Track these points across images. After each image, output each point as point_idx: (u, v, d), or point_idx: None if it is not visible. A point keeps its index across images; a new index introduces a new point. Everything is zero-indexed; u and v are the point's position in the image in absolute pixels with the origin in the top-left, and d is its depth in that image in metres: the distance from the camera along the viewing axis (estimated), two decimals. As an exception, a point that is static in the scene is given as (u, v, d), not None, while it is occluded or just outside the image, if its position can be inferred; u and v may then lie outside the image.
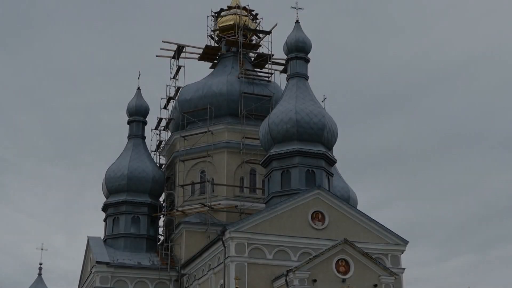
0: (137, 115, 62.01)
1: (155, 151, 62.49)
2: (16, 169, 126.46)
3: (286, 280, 41.39)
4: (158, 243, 58.70)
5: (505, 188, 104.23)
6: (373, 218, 46.98)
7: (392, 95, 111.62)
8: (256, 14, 65.20)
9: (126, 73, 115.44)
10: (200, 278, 49.71)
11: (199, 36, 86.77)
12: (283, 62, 58.22)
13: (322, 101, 55.78)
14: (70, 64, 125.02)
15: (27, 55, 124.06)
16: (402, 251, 47.40)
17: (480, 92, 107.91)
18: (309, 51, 52.68)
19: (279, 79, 61.58)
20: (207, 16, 64.90)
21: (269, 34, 62.37)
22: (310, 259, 41.63)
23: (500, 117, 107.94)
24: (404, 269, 47.07)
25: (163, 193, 59.58)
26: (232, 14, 64.45)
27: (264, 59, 61.67)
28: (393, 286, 42.80)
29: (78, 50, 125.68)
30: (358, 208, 51.13)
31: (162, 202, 59.84)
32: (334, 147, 51.47)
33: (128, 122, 62.28)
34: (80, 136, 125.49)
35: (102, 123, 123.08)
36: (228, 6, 65.54)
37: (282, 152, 48.40)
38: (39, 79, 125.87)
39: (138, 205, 57.77)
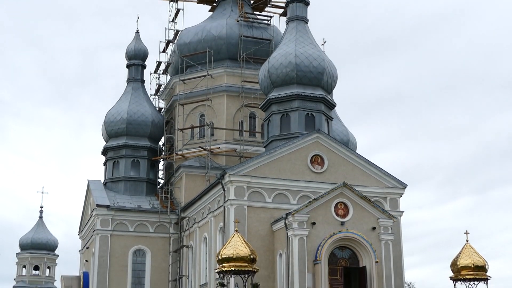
0: (136, 58, 61.77)
1: (154, 95, 62.47)
2: (14, 111, 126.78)
3: (285, 223, 41.63)
4: (158, 187, 59.03)
5: (506, 130, 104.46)
6: (372, 161, 47.10)
7: (392, 37, 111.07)
8: (256, -45, 64.30)
9: (125, 15, 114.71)
10: (200, 221, 50.08)
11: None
12: (283, 5, 57.65)
13: (322, 44, 55.50)
14: (68, 5, 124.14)
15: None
16: (401, 194, 47.63)
17: (481, 33, 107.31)
18: (309, -6, 52.09)
19: (279, 23, 61.20)
20: (206, -42, 64.16)
21: (268, -24, 61.65)
22: (310, 202, 41.77)
23: (502, 59, 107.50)
24: (402, 212, 47.39)
25: (163, 137, 59.71)
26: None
27: (263, 2, 60.94)
28: (391, 228, 42.99)
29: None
30: (357, 151, 51.22)
31: (161, 146, 59.95)
32: (333, 91, 51.28)
33: (127, 66, 62.03)
34: (78, 78, 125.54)
35: (100, 65, 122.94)
36: None
37: (282, 96, 48.23)
38: (36, 20, 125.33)
39: (138, 149, 57.93)
